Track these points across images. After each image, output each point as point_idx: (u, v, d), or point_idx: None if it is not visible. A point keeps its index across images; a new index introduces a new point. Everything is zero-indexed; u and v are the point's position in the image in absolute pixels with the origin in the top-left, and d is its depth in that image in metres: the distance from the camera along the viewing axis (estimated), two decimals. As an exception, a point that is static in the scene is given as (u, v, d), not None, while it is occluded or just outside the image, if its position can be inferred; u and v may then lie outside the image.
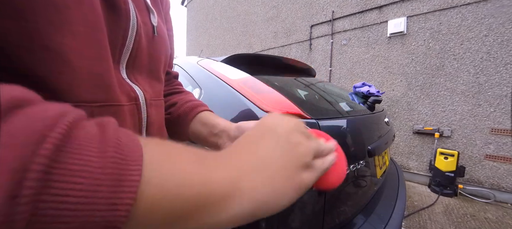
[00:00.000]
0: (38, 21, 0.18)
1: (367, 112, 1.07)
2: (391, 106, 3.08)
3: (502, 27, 2.28)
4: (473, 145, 2.49)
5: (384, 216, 0.87)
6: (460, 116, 2.56)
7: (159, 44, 0.34)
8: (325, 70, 3.75)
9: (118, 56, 0.27)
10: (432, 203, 2.27)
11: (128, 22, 0.27)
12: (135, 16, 0.28)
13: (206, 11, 6.69)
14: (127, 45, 0.28)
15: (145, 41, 0.31)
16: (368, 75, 3.26)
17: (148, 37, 0.31)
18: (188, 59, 1.17)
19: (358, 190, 0.82)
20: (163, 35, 0.36)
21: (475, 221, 1.96)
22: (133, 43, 0.28)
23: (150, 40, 0.32)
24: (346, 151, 0.75)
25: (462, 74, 2.54)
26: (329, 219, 0.69)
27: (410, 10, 2.86)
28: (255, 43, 5.03)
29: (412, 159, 2.93)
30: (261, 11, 4.85)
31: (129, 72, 0.30)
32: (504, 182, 2.33)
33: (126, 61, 0.29)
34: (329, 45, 3.66)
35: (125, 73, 0.29)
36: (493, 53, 2.34)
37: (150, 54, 0.32)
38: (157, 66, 0.35)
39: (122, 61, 0.28)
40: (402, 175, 1.34)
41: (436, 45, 2.69)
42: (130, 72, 0.30)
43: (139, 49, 0.30)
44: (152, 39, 0.32)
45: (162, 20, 0.37)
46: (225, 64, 1.00)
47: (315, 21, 3.87)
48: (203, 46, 6.84)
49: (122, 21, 0.26)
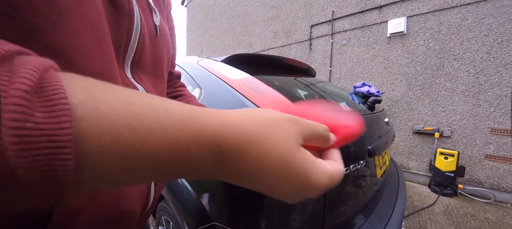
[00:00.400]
0: (37, 20, 0.17)
1: (367, 112, 1.07)
2: (391, 106, 3.08)
3: (502, 27, 2.29)
4: (473, 145, 2.49)
5: (384, 216, 0.87)
6: (460, 116, 2.56)
7: (161, 44, 0.34)
8: (325, 70, 3.75)
9: (123, 56, 0.27)
10: (432, 203, 2.27)
11: (132, 21, 0.27)
12: (139, 15, 0.28)
13: (206, 11, 6.69)
14: (132, 45, 0.28)
15: (148, 40, 0.31)
16: (368, 75, 3.26)
17: (151, 36, 0.31)
18: (188, 59, 1.17)
19: (358, 190, 0.82)
20: (165, 35, 0.36)
21: (475, 221, 1.96)
22: (137, 43, 0.28)
23: (153, 40, 0.32)
24: (346, 151, 0.76)
25: (462, 74, 2.54)
26: (329, 219, 0.70)
27: (410, 10, 2.86)
28: (255, 43, 5.03)
29: (412, 159, 2.93)
30: (261, 11, 4.85)
31: (134, 72, 0.30)
32: (504, 182, 2.33)
33: (131, 60, 0.28)
34: (329, 45, 3.66)
35: (129, 73, 0.29)
36: (493, 53, 2.34)
37: (153, 54, 0.32)
38: (160, 66, 0.35)
39: (127, 61, 0.28)
40: (402, 175, 1.34)
41: (436, 45, 2.69)
42: (134, 71, 0.30)
43: (143, 48, 0.30)
44: (155, 39, 0.32)
45: (164, 19, 0.37)
46: (225, 64, 1.00)
47: (315, 21, 3.87)
48: (203, 46, 6.84)
49: (126, 20, 0.26)
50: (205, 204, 0.79)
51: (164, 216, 1.07)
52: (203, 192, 0.83)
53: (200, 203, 0.81)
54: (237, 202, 0.72)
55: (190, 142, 0.15)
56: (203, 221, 0.76)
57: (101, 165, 0.12)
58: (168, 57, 0.38)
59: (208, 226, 0.75)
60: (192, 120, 0.15)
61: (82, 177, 0.12)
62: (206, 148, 0.15)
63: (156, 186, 0.34)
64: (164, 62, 0.36)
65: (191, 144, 0.15)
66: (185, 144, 0.14)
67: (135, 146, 0.13)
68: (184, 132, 0.14)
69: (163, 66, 0.36)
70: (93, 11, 0.21)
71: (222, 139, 0.16)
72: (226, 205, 0.75)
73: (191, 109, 0.16)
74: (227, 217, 0.73)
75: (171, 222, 0.99)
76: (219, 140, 0.16)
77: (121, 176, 0.13)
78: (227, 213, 0.74)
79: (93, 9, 0.21)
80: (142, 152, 0.13)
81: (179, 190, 0.91)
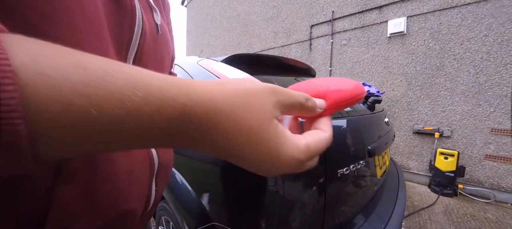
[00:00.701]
0: (27, 12, 0.17)
1: (367, 112, 1.07)
2: (391, 106, 3.08)
3: (502, 27, 2.29)
4: (473, 145, 2.49)
5: (384, 216, 0.87)
6: (460, 116, 2.56)
7: (163, 43, 0.34)
8: (325, 70, 3.75)
9: (125, 53, 0.27)
10: (432, 203, 2.27)
11: (134, 18, 0.27)
12: (140, 12, 0.28)
13: (206, 11, 6.69)
14: (134, 42, 0.27)
15: (150, 38, 0.30)
16: (368, 75, 3.26)
17: (152, 35, 0.31)
18: (188, 59, 1.16)
19: (358, 190, 0.82)
20: (166, 35, 0.36)
21: (475, 221, 1.96)
22: (139, 40, 0.28)
23: (154, 38, 0.31)
24: (346, 151, 0.76)
25: (462, 74, 2.54)
26: (329, 219, 0.70)
27: (410, 10, 2.86)
28: (255, 43, 5.03)
29: (412, 159, 2.93)
30: (261, 11, 4.85)
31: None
32: (504, 182, 2.33)
33: (133, 58, 0.28)
34: (329, 45, 3.66)
35: None
36: (493, 53, 2.34)
37: (155, 52, 0.32)
38: (161, 65, 0.35)
39: (129, 58, 0.28)
40: (402, 175, 1.34)
41: (436, 45, 2.69)
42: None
43: (145, 46, 0.29)
44: (156, 37, 0.32)
45: (165, 20, 0.37)
46: (225, 64, 1.00)
47: (315, 21, 3.87)
48: (203, 46, 6.84)
49: (128, 17, 0.26)
50: (205, 204, 0.79)
51: (164, 216, 1.07)
52: (203, 192, 0.83)
53: (200, 203, 0.81)
54: (237, 202, 0.72)
55: (154, 112, 0.14)
56: (203, 221, 0.76)
57: (57, 132, 0.12)
58: (168, 56, 0.38)
59: (208, 226, 0.75)
60: (157, 90, 0.14)
61: (39, 146, 0.11)
62: (173, 120, 0.15)
63: (157, 186, 0.34)
64: (165, 61, 0.36)
65: (155, 114, 0.14)
66: (148, 114, 0.14)
67: (91, 113, 0.12)
68: (147, 102, 0.14)
69: (164, 65, 0.36)
70: (90, 5, 0.21)
71: (190, 110, 0.15)
72: (226, 205, 0.75)
73: (158, 78, 0.15)
74: (227, 217, 0.73)
75: (171, 222, 0.99)
76: (187, 112, 0.15)
77: (82, 145, 0.13)
78: (227, 213, 0.74)
79: (90, 3, 0.21)
80: (101, 122, 0.12)
81: (179, 190, 0.91)
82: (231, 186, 0.74)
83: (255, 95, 0.18)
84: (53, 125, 0.11)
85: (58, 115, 0.11)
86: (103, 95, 0.12)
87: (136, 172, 0.28)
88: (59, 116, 0.11)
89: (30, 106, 0.11)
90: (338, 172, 0.70)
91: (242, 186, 0.71)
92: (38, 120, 0.11)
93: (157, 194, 0.35)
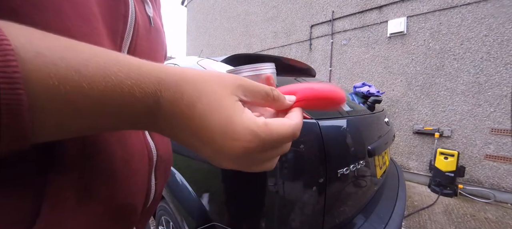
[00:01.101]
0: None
1: (367, 112, 1.07)
2: (391, 106, 3.08)
3: (502, 27, 2.29)
4: (473, 145, 2.49)
5: (384, 216, 0.87)
6: (460, 116, 2.57)
7: (156, 36, 0.34)
8: (325, 70, 3.75)
9: (120, 42, 0.27)
10: (432, 203, 2.27)
11: (128, 7, 0.27)
12: (133, 3, 0.28)
13: (206, 11, 6.69)
14: (128, 32, 0.27)
15: (144, 30, 0.30)
16: (368, 75, 3.26)
17: (145, 27, 0.31)
18: (188, 59, 1.17)
19: (358, 190, 0.82)
20: (158, 28, 0.36)
21: (475, 221, 1.96)
22: (132, 30, 0.28)
23: (147, 30, 0.31)
24: (346, 151, 0.76)
25: (462, 74, 2.54)
26: (329, 219, 0.70)
27: (410, 10, 2.86)
28: (255, 43, 5.03)
29: (412, 159, 2.93)
30: (261, 11, 4.85)
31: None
32: (504, 182, 2.33)
33: (127, 49, 0.28)
34: (329, 45, 3.66)
35: None
36: (493, 53, 2.34)
37: (149, 45, 0.32)
38: (154, 58, 0.34)
39: (123, 49, 0.28)
40: (402, 175, 1.34)
41: (436, 45, 2.69)
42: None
43: (138, 37, 0.29)
44: (149, 30, 0.32)
45: (157, 14, 0.37)
46: (225, 64, 1.00)
47: (315, 21, 3.87)
48: (203, 46, 6.84)
49: (121, 6, 0.26)
50: (205, 204, 0.79)
51: (164, 216, 1.07)
52: (203, 192, 0.83)
53: (200, 203, 0.81)
54: (237, 202, 0.72)
55: (134, 84, 0.16)
56: (203, 221, 0.76)
57: (53, 106, 0.13)
58: (162, 50, 0.38)
59: (208, 226, 0.75)
60: (138, 67, 0.16)
61: (38, 118, 0.12)
62: (148, 92, 0.16)
63: (157, 179, 0.34)
64: (159, 55, 0.36)
65: (135, 86, 0.16)
66: (129, 86, 0.16)
67: (83, 87, 0.14)
68: (129, 76, 0.16)
69: (157, 59, 0.36)
70: None
71: (164, 81, 0.17)
72: (226, 205, 0.75)
73: (139, 60, 0.17)
74: (227, 217, 0.73)
75: (171, 222, 0.99)
76: (161, 83, 0.17)
77: (75, 123, 0.14)
78: (227, 213, 0.74)
79: None
80: (91, 95, 0.14)
81: (179, 190, 0.91)
82: (231, 186, 0.74)
83: (219, 76, 0.20)
84: (50, 99, 0.13)
85: (55, 90, 0.13)
86: (92, 71, 0.14)
87: (133, 164, 0.28)
88: (55, 91, 0.13)
89: (30, 81, 0.12)
90: (338, 172, 0.70)
91: (242, 186, 0.71)
92: (37, 94, 0.12)
93: (157, 189, 0.34)
